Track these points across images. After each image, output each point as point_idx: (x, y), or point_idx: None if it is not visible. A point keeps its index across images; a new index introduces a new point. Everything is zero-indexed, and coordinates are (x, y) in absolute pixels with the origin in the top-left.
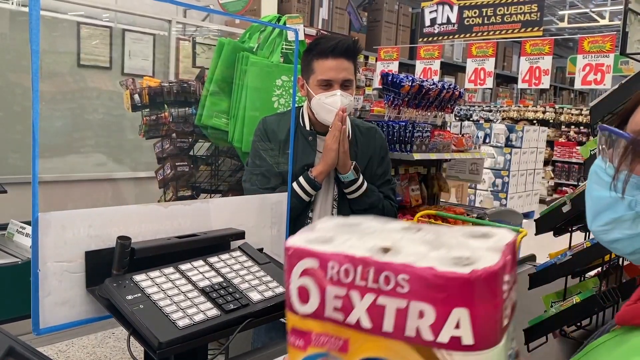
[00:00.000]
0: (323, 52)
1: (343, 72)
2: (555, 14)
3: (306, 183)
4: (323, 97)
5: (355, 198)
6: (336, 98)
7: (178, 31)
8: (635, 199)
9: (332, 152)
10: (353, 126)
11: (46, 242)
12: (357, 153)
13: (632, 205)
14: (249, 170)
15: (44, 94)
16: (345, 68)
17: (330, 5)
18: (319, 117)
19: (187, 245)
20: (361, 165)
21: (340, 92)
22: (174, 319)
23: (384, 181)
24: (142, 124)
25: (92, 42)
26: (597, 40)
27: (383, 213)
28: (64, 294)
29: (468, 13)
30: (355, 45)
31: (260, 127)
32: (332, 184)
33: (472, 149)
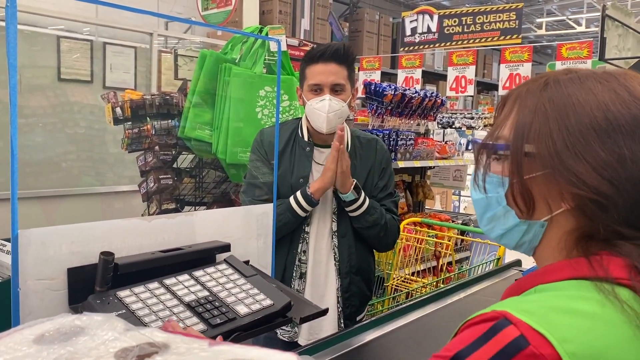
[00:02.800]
0: (313, 58)
1: (332, 75)
2: (533, 22)
3: (302, 199)
4: (313, 103)
5: (356, 216)
6: (324, 102)
7: (160, 44)
8: (499, 195)
9: (329, 171)
10: (353, 137)
11: (26, 259)
12: (357, 165)
13: (499, 200)
14: (247, 182)
15: (24, 109)
16: (334, 72)
17: (311, 16)
18: (312, 124)
19: (172, 260)
20: (360, 177)
21: (329, 97)
22: None
23: (385, 194)
24: (124, 137)
25: (73, 56)
26: (575, 46)
27: (386, 229)
28: (45, 312)
29: (448, 22)
30: (346, 49)
31: (258, 139)
32: (330, 198)
33: (455, 156)
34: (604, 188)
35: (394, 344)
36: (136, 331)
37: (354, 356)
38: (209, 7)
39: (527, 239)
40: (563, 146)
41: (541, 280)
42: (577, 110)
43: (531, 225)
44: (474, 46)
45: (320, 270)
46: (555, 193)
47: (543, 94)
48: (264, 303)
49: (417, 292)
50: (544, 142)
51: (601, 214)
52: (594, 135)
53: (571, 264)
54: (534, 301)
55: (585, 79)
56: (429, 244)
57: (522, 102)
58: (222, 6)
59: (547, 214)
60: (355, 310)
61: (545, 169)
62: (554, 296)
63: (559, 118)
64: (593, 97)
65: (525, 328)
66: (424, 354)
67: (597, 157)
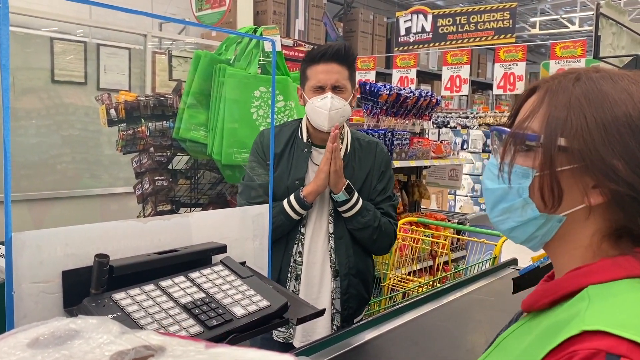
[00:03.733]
0: (314, 58)
1: (334, 75)
2: (527, 21)
3: (295, 202)
4: (315, 101)
5: (348, 217)
6: (326, 100)
7: (154, 45)
8: (521, 186)
9: (322, 173)
10: (354, 139)
11: (21, 262)
12: (355, 167)
13: (520, 192)
14: (244, 184)
15: (17, 111)
16: (336, 72)
17: (306, 17)
18: (313, 122)
19: (168, 261)
20: (358, 180)
21: (330, 95)
22: None
23: (384, 197)
24: (119, 139)
25: (66, 58)
26: (569, 45)
27: (380, 231)
28: (40, 315)
29: (442, 22)
30: (347, 49)
31: (258, 141)
32: (327, 200)
33: (450, 156)
34: (638, 185)
35: (390, 344)
36: (132, 334)
37: (351, 356)
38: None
39: (541, 233)
40: (600, 142)
41: (589, 281)
42: (614, 108)
43: (549, 219)
44: (468, 46)
45: (315, 272)
46: (579, 189)
47: (576, 89)
48: (261, 304)
49: (413, 292)
50: (580, 136)
51: (636, 206)
52: (629, 133)
53: (619, 262)
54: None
55: (619, 78)
56: (425, 244)
57: (554, 96)
58: (216, 7)
59: (569, 208)
60: (352, 312)
61: (577, 163)
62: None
63: (596, 114)
64: (628, 96)
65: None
66: (421, 354)
67: (633, 155)
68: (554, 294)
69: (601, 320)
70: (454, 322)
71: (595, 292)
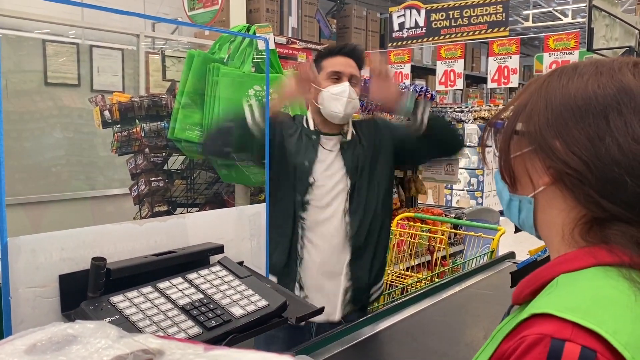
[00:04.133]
0: (332, 51)
1: (350, 68)
2: (519, 14)
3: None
4: (332, 89)
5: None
6: (345, 86)
7: (147, 45)
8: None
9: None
10: (353, 124)
11: (17, 267)
12: (364, 145)
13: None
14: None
15: (10, 114)
16: (352, 66)
17: (299, 14)
18: (327, 109)
19: (165, 263)
20: (373, 152)
21: (348, 83)
22: None
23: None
24: (113, 140)
25: (59, 60)
26: (562, 38)
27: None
28: (38, 320)
29: (435, 16)
30: (361, 50)
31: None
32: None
33: None
34: (575, 164)
35: (390, 340)
36: (130, 338)
37: (351, 353)
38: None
39: (523, 216)
40: (545, 124)
41: (561, 270)
42: (563, 92)
43: (522, 201)
44: (462, 40)
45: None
46: (540, 170)
47: (545, 80)
48: (259, 304)
49: (412, 288)
50: (531, 120)
51: (581, 186)
52: (570, 114)
53: (591, 252)
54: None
55: (589, 69)
56: (422, 239)
57: (528, 87)
58: (208, 6)
59: (532, 190)
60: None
61: (531, 145)
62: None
63: (548, 99)
64: (582, 83)
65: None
66: (421, 350)
67: (571, 135)
68: (534, 284)
69: (550, 304)
70: (452, 317)
71: (564, 280)
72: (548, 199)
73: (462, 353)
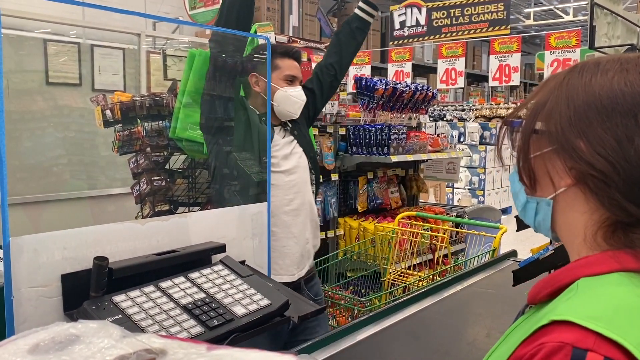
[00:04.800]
0: (287, 53)
1: (300, 72)
2: (521, 12)
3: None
4: (289, 90)
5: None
6: (301, 92)
7: (148, 44)
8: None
9: None
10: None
11: (19, 267)
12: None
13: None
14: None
15: (12, 114)
16: (299, 69)
17: (300, 13)
18: (284, 108)
19: (167, 262)
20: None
21: (300, 88)
22: None
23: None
24: (115, 139)
25: (60, 59)
26: (563, 35)
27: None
28: (40, 320)
29: (436, 15)
30: (300, 54)
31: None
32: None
33: (447, 149)
34: (600, 165)
35: (392, 339)
36: (133, 337)
37: (353, 352)
38: (196, 6)
39: (540, 218)
40: (567, 123)
41: (582, 273)
42: (587, 90)
43: (540, 203)
44: (463, 38)
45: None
46: (561, 171)
47: (565, 77)
48: (261, 303)
49: (413, 286)
50: (552, 119)
51: (605, 188)
52: (595, 113)
53: (615, 256)
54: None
55: (611, 66)
56: (424, 238)
57: (546, 84)
58: (209, 5)
59: (551, 191)
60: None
61: (552, 145)
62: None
63: (570, 97)
64: (607, 81)
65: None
66: (422, 348)
67: (596, 136)
68: (552, 286)
69: (571, 311)
70: (454, 316)
71: (585, 284)
72: (568, 200)
73: (464, 352)
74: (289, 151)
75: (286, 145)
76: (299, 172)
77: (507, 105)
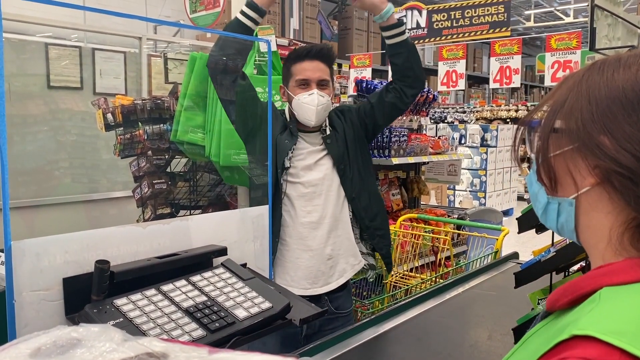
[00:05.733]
0: (299, 56)
1: (318, 72)
2: (521, 14)
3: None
4: (302, 97)
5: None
6: (313, 97)
7: (149, 48)
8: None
9: None
10: (330, 116)
11: (21, 271)
12: (345, 129)
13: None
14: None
15: (14, 118)
16: (320, 69)
17: (300, 16)
18: (300, 117)
19: (168, 266)
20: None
21: (317, 91)
22: None
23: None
24: (116, 143)
25: (62, 63)
26: (564, 37)
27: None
28: (42, 323)
29: (437, 17)
30: (329, 49)
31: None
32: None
33: (449, 151)
34: (627, 161)
35: (394, 341)
36: (134, 341)
37: (355, 355)
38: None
39: (562, 219)
40: (590, 119)
41: (606, 282)
42: (609, 84)
43: (561, 204)
44: (464, 40)
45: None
46: (583, 169)
47: (585, 74)
48: (263, 306)
49: (416, 289)
50: (572, 116)
51: (632, 186)
52: (620, 108)
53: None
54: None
55: (636, 57)
56: (425, 240)
57: (565, 82)
58: (210, 8)
59: (574, 191)
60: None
61: (573, 143)
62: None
63: (591, 93)
64: (629, 72)
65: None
66: (424, 351)
67: (622, 131)
68: (572, 293)
69: (595, 324)
70: (456, 318)
71: (608, 295)
72: (592, 200)
73: (467, 354)
74: (313, 162)
75: (311, 154)
76: (322, 185)
77: (508, 107)
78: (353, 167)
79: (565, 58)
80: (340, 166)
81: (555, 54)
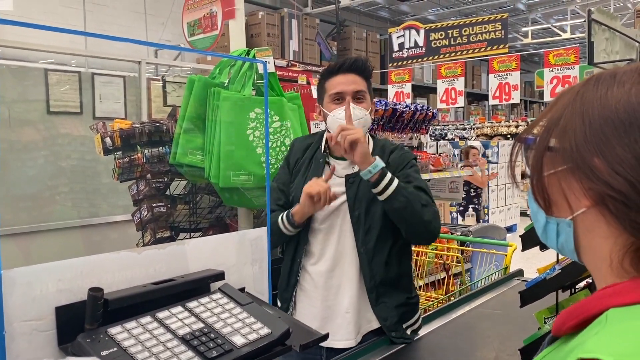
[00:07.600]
0: (332, 71)
1: (352, 84)
2: (518, 31)
3: (286, 219)
4: (336, 113)
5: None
6: (345, 110)
7: (150, 72)
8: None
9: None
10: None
11: (11, 301)
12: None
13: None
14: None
15: (14, 144)
16: (354, 81)
17: (300, 37)
18: (335, 134)
19: (164, 292)
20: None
21: (352, 105)
22: None
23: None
24: (115, 167)
25: (61, 88)
26: (562, 53)
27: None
28: (34, 354)
29: (434, 36)
30: (364, 61)
31: (290, 149)
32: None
33: (450, 168)
34: (619, 186)
35: None
36: None
37: None
38: (195, 33)
39: (562, 239)
40: (583, 140)
41: (611, 303)
42: (603, 102)
43: (560, 224)
44: (462, 58)
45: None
46: (577, 191)
47: (580, 90)
48: (262, 332)
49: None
50: (567, 135)
51: (626, 211)
52: (612, 129)
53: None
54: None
55: (631, 73)
56: (429, 257)
57: (561, 98)
58: (208, 31)
59: (570, 212)
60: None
61: (567, 163)
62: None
63: (585, 111)
64: (623, 91)
65: None
66: None
67: (614, 154)
68: (578, 316)
69: (602, 347)
70: (463, 338)
71: (614, 316)
72: (589, 223)
73: None
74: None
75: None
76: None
77: (508, 123)
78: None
79: (564, 73)
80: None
81: (554, 70)
